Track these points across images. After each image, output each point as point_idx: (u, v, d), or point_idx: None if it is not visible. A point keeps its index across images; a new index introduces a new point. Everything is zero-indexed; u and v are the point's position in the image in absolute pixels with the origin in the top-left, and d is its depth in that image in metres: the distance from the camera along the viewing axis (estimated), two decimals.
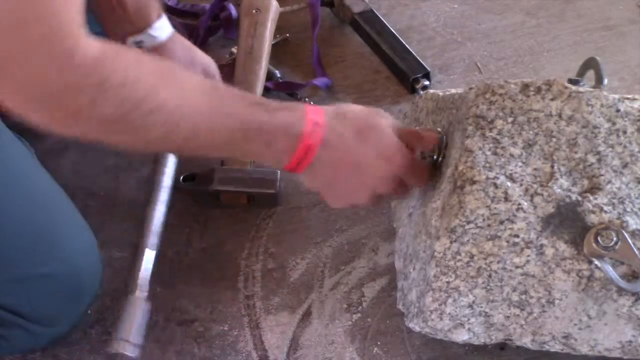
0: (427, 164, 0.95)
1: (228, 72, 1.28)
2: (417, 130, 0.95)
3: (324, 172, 0.88)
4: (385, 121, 0.90)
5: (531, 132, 0.90)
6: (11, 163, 0.93)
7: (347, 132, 0.87)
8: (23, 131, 1.02)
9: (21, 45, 0.66)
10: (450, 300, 0.88)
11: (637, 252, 0.85)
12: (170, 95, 0.77)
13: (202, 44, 1.40)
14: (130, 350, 0.91)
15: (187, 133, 0.79)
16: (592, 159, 0.89)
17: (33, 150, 1.01)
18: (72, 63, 0.68)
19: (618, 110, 0.91)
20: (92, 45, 0.70)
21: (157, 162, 1.10)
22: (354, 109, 0.90)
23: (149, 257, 0.95)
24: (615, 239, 0.84)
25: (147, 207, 1.03)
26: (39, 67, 0.68)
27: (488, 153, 0.89)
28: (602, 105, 0.91)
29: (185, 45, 1.08)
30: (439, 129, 0.96)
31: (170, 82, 0.78)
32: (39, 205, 0.95)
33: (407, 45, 1.36)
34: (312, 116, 0.85)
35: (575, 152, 0.89)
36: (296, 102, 0.88)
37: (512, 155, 0.89)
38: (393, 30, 1.39)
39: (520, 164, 0.89)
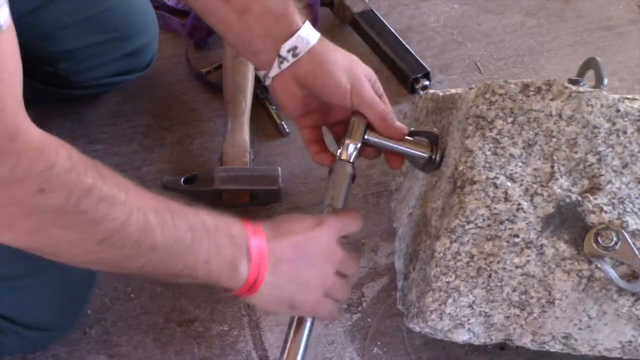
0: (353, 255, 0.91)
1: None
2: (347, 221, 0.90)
3: (274, 294, 0.84)
4: (323, 231, 0.86)
5: (531, 132, 0.90)
6: None
7: (287, 253, 0.83)
8: None
9: None
10: (450, 301, 0.88)
11: (637, 252, 0.85)
12: (117, 189, 0.72)
13: (202, 44, 1.40)
14: None
15: (137, 235, 0.73)
16: (592, 159, 0.89)
17: None
18: (15, 148, 0.64)
19: (618, 110, 0.91)
20: (34, 132, 0.66)
21: None
22: (292, 226, 0.86)
23: None
24: (615, 239, 0.84)
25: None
26: None
27: (488, 153, 0.89)
28: (602, 106, 0.91)
29: (344, 53, 0.95)
30: (435, 129, 0.96)
31: (116, 180, 0.72)
32: None
33: (407, 45, 1.36)
34: (255, 250, 0.81)
35: (575, 152, 0.89)
36: (235, 229, 0.82)
37: (512, 155, 0.89)
38: (393, 30, 1.39)
39: (520, 164, 0.89)
